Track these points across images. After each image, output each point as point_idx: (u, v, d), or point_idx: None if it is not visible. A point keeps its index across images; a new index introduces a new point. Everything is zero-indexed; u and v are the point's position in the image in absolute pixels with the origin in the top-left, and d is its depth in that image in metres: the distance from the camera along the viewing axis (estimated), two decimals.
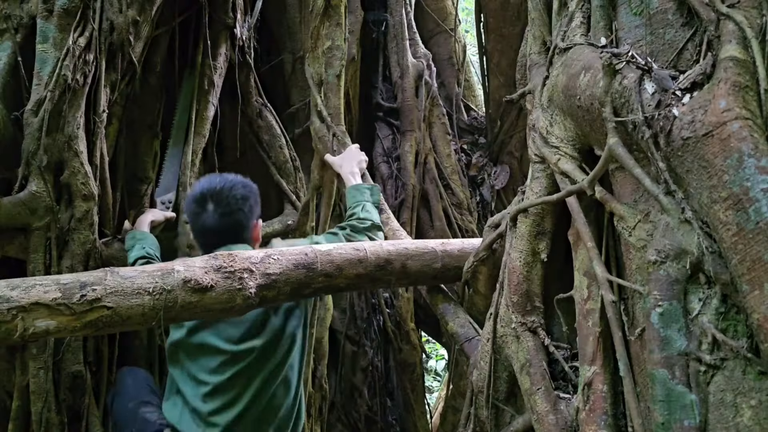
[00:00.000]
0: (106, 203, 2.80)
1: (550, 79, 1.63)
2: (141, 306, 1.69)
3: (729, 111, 1.17)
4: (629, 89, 1.31)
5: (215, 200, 2.21)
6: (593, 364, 1.42)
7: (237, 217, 2.24)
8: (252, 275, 1.87)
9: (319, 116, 3.22)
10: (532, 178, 1.68)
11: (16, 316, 1.55)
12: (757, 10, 1.26)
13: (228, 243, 2.20)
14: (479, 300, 2.10)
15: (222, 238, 2.22)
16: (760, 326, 1.10)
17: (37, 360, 2.47)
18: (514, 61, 2.84)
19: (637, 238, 1.34)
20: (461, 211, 3.88)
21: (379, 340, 4.03)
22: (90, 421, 2.61)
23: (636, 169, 1.31)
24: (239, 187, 2.26)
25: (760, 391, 1.15)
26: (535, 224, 1.64)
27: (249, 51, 3.62)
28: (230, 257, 1.87)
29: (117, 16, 2.75)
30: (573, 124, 1.54)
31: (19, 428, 2.51)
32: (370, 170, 3.30)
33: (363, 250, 2.12)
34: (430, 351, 6.73)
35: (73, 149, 2.54)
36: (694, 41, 1.35)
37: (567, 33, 1.61)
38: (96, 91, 2.70)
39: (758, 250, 1.10)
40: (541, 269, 1.65)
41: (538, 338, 1.62)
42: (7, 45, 2.54)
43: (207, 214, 2.21)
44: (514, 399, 1.70)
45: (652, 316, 1.26)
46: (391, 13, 4.04)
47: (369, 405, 3.96)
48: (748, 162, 1.13)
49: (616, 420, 1.38)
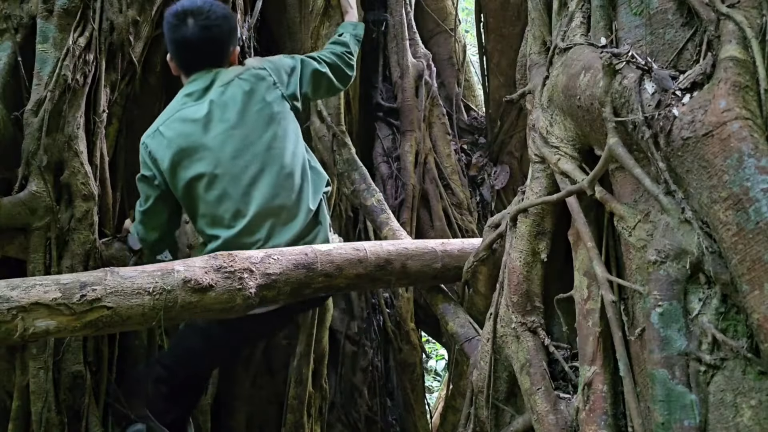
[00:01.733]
0: (106, 203, 2.80)
1: (550, 79, 1.63)
2: (141, 306, 1.70)
3: (729, 111, 1.17)
4: (629, 89, 1.31)
5: (195, 15, 2.24)
6: (593, 364, 1.42)
7: (217, 33, 2.26)
8: (252, 275, 1.87)
9: (319, 116, 3.23)
10: (532, 178, 1.68)
11: (16, 316, 1.55)
12: (757, 10, 1.26)
13: (208, 64, 2.22)
14: (479, 300, 2.10)
15: (202, 55, 2.24)
16: (760, 326, 1.10)
17: (37, 360, 2.47)
18: (514, 61, 2.84)
19: (637, 238, 1.34)
20: (461, 211, 3.88)
21: (379, 340, 4.03)
22: (90, 421, 2.61)
23: (636, 169, 1.31)
24: (219, 7, 2.30)
25: (760, 391, 1.15)
26: (535, 224, 1.64)
27: (249, 51, 3.62)
28: (230, 257, 1.87)
29: (117, 16, 2.75)
30: (573, 124, 1.54)
31: (19, 428, 2.51)
32: (370, 170, 3.31)
33: (363, 250, 2.12)
34: (430, 351, 6.73)
35: (73, 149, 2.54)
36: (694, 41, 1.35)
37: (567, 33, 1.61)
38: (96, 91, 2.70)
39: (758, 250, 1.10)
40: (541, 269, 1.65)
41: (538, 338, 1.62)
42: (7, 45, 2.54)
43: (187, 28, 2.23)
44: (514, 399, 1.70)
45: (652, 316, 1.26)
46: (391, 13, 4.04)
47: (369, 405, 3.96)
48: (748, 162, 1.13)
49: (616, 420, 1.38)
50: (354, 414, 3.90)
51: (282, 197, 2.26)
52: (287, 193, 2.28)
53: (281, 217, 2.26)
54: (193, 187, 2.26)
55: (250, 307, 1.91)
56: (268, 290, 1.92)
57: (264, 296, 1.91)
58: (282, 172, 2.28)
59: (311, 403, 3.42)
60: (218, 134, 2.26)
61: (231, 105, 2.29)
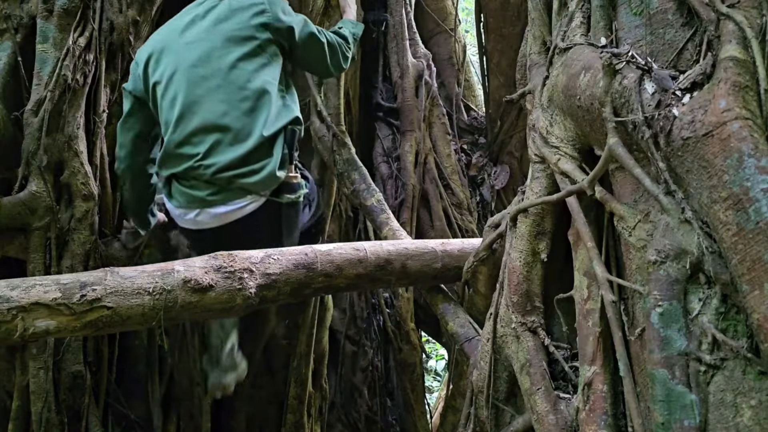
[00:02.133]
0: (106, 203, 2.80)
1: (550, 79, 1.63)
2: (141, 306, 1.69)
3: (729, 111, 1.16)
4: (629, 89, 1.31)
5: None
6: (593, 364, 1.41)
7: None
8: (252, 275, 1.87)
9: (319, 116, 3.23)
10: (532, 178, 1.68)
11: (16, 316, 1.55)
12: (757, 10, 1.26)
13: None
14: (479, 300, 2.10)
15: None
16: (760, 326, 1.10)
17: (37, 360, 2.48)
18: (514, 61, 2.84)
19: (637, 238, 1.34)
20: (461, 211, 3.88)
21: (379, 340, 4.04)
22: (90, 421, 2.61)
23: (636, 169, 1.31)
24: None
25: (760, 391, 1.14)
26: (535, 224, 1.64)
27: None
28: (230, 257, 1.87)
29: (117, 16, 2.75)
30: (573, 124, 1.54)
31: (19, 428, 2.51)
32: (370, 170, 3.31)
33: (363, 250, 2.12)
34: (430, 351, 6.73)
35: (73, 149, 2.55)
36: (694, 41, 1.34)
37: (567, 33, 1.61)
38: (96, 91, 2.70)
39: (758, 250, 1.10)
40: (541, 269, 1.65)
41: (538, 338, 1.62)
42: (7, 45, 2.54)
43: None
44: (514, 399, 1.70)
45: (652, 316, 1.26)
46: (391, 13, 4.04)
47: (369, 405, 3.97)
48: (748, 162, 1.13)
49: (616, 420, 1.38)
50: (354, 414, 3.91)
51: (231, 117, 2.23)
52: (238, 114, 2.24)
53: (227, 136, 2.23)
54: (155, 91, 2.30)
55: (251, 307, 1.91)
56: (268, 290, 1.92)
57: (264, 296, 1.91)
58: (239, 93, 2.25)
59: (311, 403, 3.43)
60: (188, 42, 2.29)
61: (210, 17, 2.31)
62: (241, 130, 2.23)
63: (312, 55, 2.52)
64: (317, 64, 2.59)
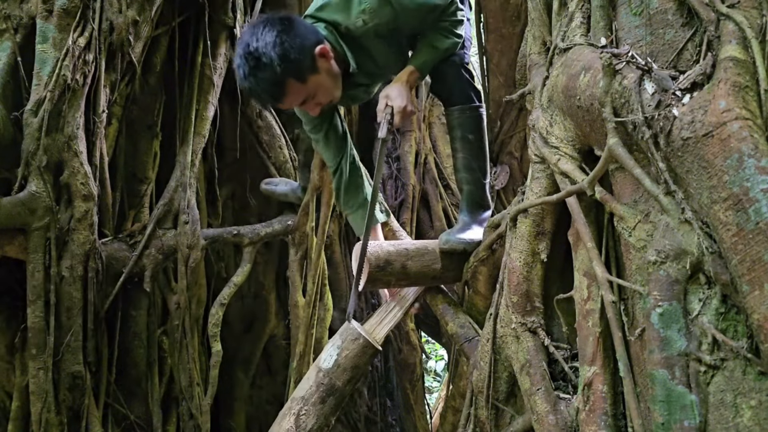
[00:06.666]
0: (106, 203, 2.80)
1: (550, 79, 1.63)
2: None
3: (729, 111, 1.16)
4: (629, 89, 1.31)
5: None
6: (593, 365, 1.41)
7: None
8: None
9: None
10: (532, 178, 1.68)
11: None
12: (757, 10, 1.26)
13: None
14: (479, 300, 2.10)
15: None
16: (760, 326, 1.10)
17: (36, 360, 2.48)
18: (514, 61, 2.84)
19: (637, 238, 1.34)
20: None
21: None
22: (90, 421, 2.61)
23: (636, 169, 1.31)
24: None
25: (760, 391, 1.14)
26: (535, 224, 1.64)
27: None
28: None
29: (117, 16, 2.75)
30: (573, 124, 1.54)
31: (19, 428, 2.51)
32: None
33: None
34: (430, 351, 6.74)
35: (73, 149, 2.55)
36: (694, 41, 1.34)
37: (567, 33, 1.61)
38: (96, 91, 2.71)
39: (758, 250, 1.10)
40: (541, 269, 1.65)
41: (538, 338, 1.62)
42: (7, 45, 2.54)
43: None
44: (514, 399, 1.70)
45: (652, 317, 1.26)
46: None
47: (369, 405, 3.97)
48: (748, 162, 1.13)
49: (616, 420, 1.38)
50: (354, 414, 3.90)
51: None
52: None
53: None
54: None
55: None
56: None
57: None
58: None
59: None
60: None
61: None
62: None
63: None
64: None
